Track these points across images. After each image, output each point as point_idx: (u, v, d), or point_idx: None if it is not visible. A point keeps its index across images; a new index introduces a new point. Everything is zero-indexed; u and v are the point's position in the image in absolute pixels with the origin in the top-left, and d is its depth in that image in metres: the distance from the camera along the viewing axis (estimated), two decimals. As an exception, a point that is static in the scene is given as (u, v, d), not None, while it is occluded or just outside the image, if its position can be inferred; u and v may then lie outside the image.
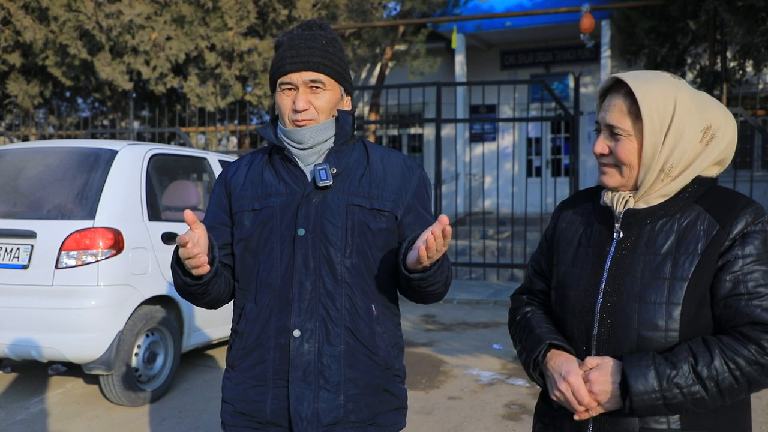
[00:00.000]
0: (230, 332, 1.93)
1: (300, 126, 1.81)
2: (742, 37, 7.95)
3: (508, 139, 14.01)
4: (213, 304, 1.91)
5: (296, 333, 1.77)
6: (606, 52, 12.62)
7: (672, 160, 1.49)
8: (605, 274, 1.54)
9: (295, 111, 1.80)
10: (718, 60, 8.88)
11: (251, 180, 1.89)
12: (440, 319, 7.67)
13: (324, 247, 1.79)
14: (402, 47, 13.91)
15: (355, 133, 1.93)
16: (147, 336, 4.80)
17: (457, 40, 12.49)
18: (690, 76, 10.79)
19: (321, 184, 1.79)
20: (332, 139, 1.86)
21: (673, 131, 1.48)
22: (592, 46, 11.42)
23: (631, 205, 1.55)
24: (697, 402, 1.42)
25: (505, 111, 13.41)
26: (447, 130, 14.13)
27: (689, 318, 1.46)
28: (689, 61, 10.43)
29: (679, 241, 1.49)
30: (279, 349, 1.79)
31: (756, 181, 8.75)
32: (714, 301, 1.47)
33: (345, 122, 1.87)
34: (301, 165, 1.85)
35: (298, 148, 1.84)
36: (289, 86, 1.81)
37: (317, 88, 1.81)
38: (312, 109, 1.81)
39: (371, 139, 14.23)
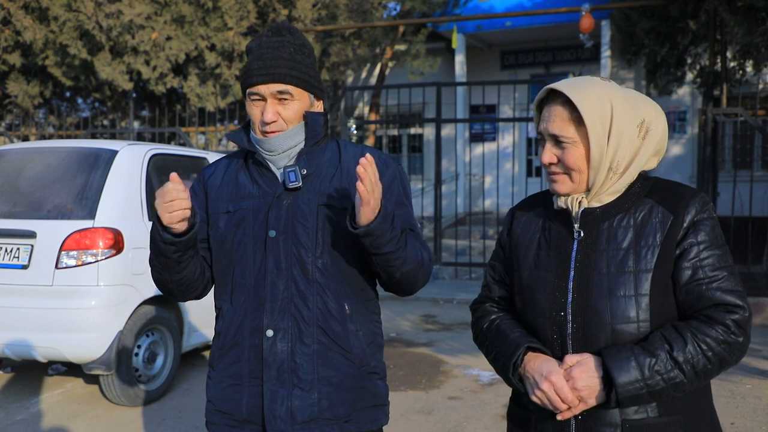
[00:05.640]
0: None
1: (269, 136, 1.84)
2: (742, 37, 7.93)
3: (508, 139, 14.02)
4: (185, 285, 1.88)
5: (269, 333, 1.80)
6: (606, 52, 12.63)
7: (617, 158, 1.56)
8: (572, 273, 1.57)
9: (264, 123, 1.82)
10: (718, 60, 8.87)
11: (227, 182, 1.93)
12: (440, 319, 7.67)
13: (295, 248, 1.82)
14: (402, 47, 13.92)
15: (329, 133, 1.94)
16: (147, 336, 4.81)
17: (457, 40, 12.49)
18: (690, 76, 10.76)
19: (290, 185, 1.82)
20: (303, 143, 1.88)
21: (615, 131, 1.54)
22: (592, 46, 11.41)
23: (585, 205, 1.60)
24: (676, 386, 1.47)
25: (505, 111, 13.41)
26: (447, 130, 14.13)
27: (657, 307, 1.52)
28: (689, 61, 10.42)
29: (638, 235, 1.55)
30: (253, 349, 1.82)
31: (756, 181, 8.73)
32: (676, 288, 1.54)
33: (315, 123, 1.88)
34: (272, 168, 1.88)
35: (269, 154, 1.88)
36: (258, 97, 1.83)
37: (285, 99, 1.82)
38: (280, 120, 1.83)
39: (371, 139, 14.22)
